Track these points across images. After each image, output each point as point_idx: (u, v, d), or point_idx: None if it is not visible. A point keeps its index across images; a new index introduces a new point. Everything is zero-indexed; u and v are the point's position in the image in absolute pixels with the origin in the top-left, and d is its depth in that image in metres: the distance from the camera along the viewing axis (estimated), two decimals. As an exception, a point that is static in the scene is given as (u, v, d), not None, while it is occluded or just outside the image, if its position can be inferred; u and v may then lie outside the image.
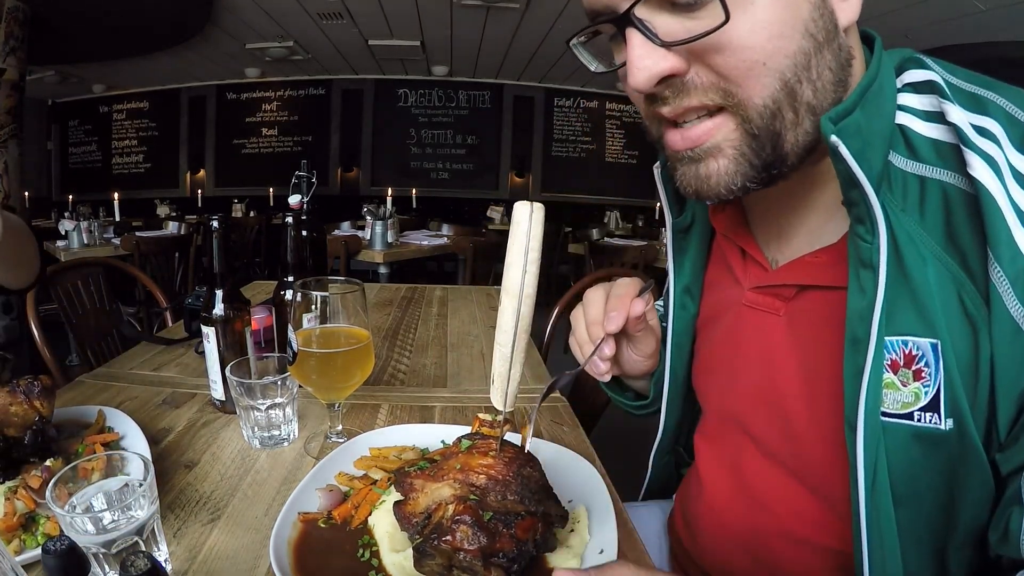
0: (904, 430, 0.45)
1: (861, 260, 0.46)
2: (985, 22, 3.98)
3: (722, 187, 0.48)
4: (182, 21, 5.03)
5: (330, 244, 3.24)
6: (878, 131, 0.46)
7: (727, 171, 0.48)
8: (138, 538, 0.48)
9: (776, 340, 0.58)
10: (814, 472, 0.55)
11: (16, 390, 0.64)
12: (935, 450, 0.45)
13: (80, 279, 1.72)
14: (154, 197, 6.97)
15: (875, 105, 0.46)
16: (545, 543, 0.50)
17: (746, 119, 0.46)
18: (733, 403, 0.64)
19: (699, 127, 0.48)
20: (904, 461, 0.46)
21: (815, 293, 0.55)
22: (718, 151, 0.48)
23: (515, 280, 0.49)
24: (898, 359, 0.45)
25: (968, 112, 0.45)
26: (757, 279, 0.60)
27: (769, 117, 0.45)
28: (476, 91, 7.47)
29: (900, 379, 0.45)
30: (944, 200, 0.45)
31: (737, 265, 0.64)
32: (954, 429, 0.44)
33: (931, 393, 0.44)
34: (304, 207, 1.03)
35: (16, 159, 4.01)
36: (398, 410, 0.90)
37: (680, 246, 0.72)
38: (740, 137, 0.47)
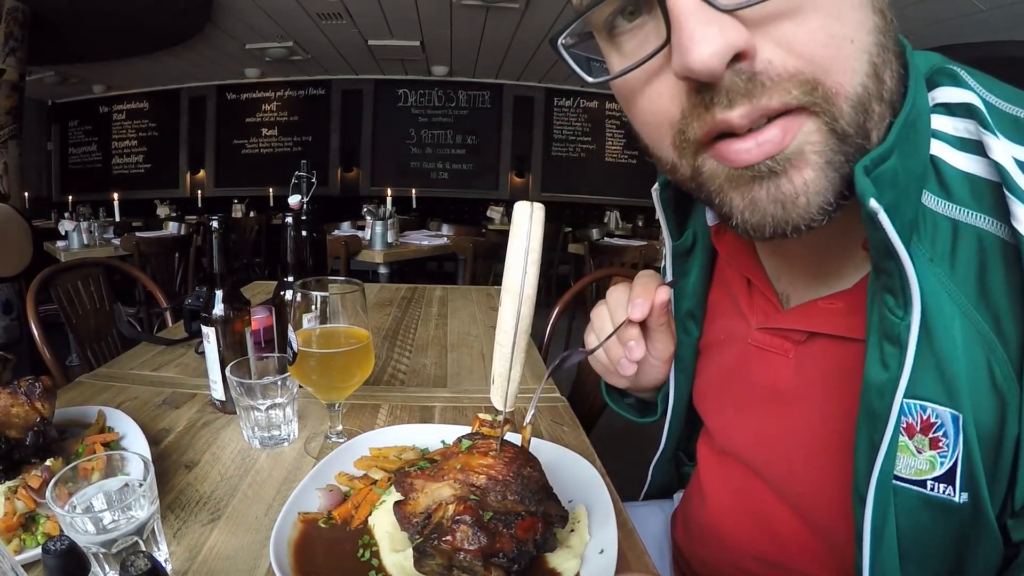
0: (915, 495, 0.42)
1: (886, 334, 0.40)
2: (985, 22, 3.98)
3: (814, 209, 0.37)
4: (182, 21, 5.03)
5: (330, 244, 3.24)
6: (913, 173, 0.39)
7: (817, 188, 0.37)
8: (138, 538, 0.48)
9: (783, 383, 0.54)
10: (819, 519, 0.53)
11: (17, 391, 0.64)
12: (945, 518, 0.42)
13: (80, 279, 1.72)
14: (154, 197, 6.97)
15: (911, 141, 0.38)
16: (545, 543, 0.50)
17: (834, 117, 0.35)
18: (737, 439, 0.61)
19: (775, 127, 0.36)
20: (912, 524, 0.43)
21: (828, 340, 0.50)
22: (802, 159, 0.36)
23: (515, 280, 0.49)
24: (914, 424, 0.41)
25: (1013, 144, 0.37)
26: (765, 318, 0.56)
27: (862, 111, 0.36)
28: (476, 91, 7.47)
29: (915, 445, 0.41)
30: (979, 249, 0.39)
31: (742, 296, 0.60)
32: (968, 502, 0.40)
33: (947, 465, 0.40)
34: (304, 207, 1.03)
35: (16, 159, 4.01)
36: (398, 410, 0.90)
37: (681, 270, 0.67)
38: (824, 140, 0.36)
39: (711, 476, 0.68)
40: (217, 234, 0.79)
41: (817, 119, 0.36)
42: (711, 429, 0.67)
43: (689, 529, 0.73)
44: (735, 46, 0.33)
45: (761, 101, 0.35)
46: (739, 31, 0.33)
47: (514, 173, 7.60)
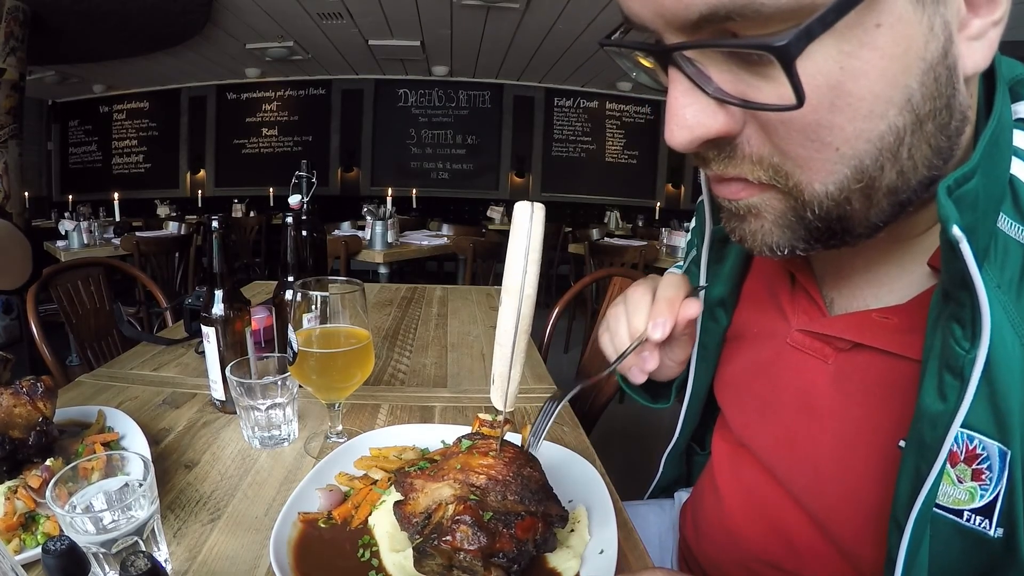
0: (949, 524, 0.41)
1: (948, 364, 0.38)
2: (985, 22, 3.98)
3: (766, 249, 0.41)
4: (182, 21, 5.02)
5: (330, 244, 3.24)
6: (993, 195, 0.37)
7: (771, 234, 0.40)
8: (138, 538, 0.48)
9: (819, 389, 0.52)
10: (844, 537, 0.51)
11: (20, 391, 0.64)
12: (977, 550, 0.41)
13: (80, 279, 1.72)
14: (154, 197, 6.97)
15: (993, 160, 0.37)
16: (545, 543, 0.50)
17: (799, 203, 0.37)
18: (759, 438, 0.60)
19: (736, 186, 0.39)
20: (943, 553, 0.42)
21: (874, 353, 0.48)
22: (757, 214, 0.40)
23: (515, 280, 0.49)
24: (959, 452, 0.39)
25: None
26: (808, 321, 0.54)
27: (830, 207, 0.37)
28: (476, 91, 7.47)
29: (957, 474, 0.40)
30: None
31: (784, 294, 0.57)
32: (1002, 538, 0.39)
33: (987, 498, 0.39)
34: (304, 207, 1.03)
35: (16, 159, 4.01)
36: (398, 410, 0.90)
37: (717, 255, 0.65)
38: (786, 210, 0.38)
39: (725, 471, 0.66)
40: (217, 234, 0.79)
41: (782, 196, 0.38)
42: (731, 423, 0.65)
43: (698, 524, 0.72)
44: (712, 134, 0.35)
45: (728, 170, 0.38)
46: (720, 119, 0.35)
47: (514, 173, 7.60)
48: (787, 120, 0.33)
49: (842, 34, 0.30)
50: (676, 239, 3.87)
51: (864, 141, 0.34)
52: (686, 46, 0.34)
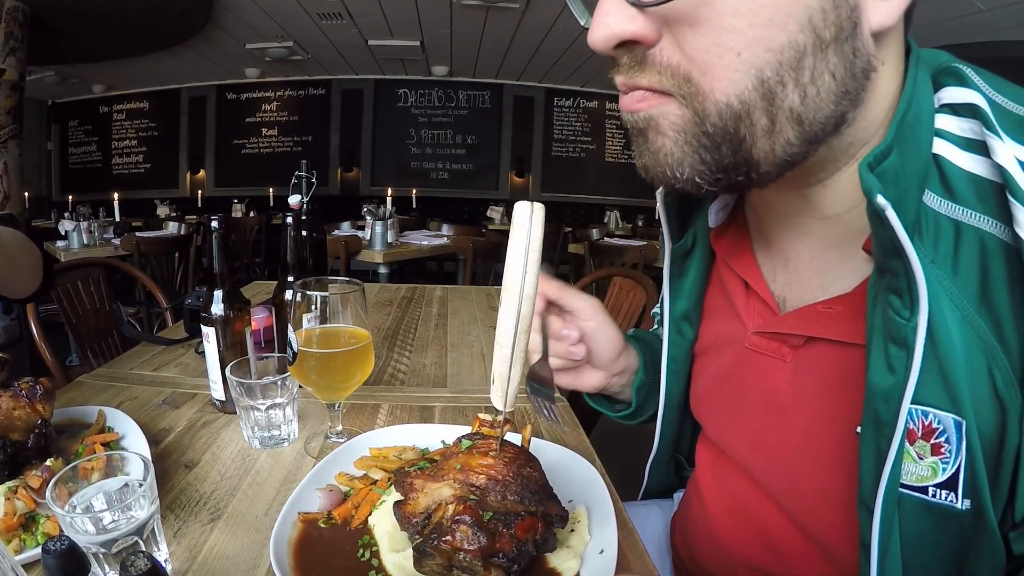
0: (916, 502, 0.42)
1: (892, 336, 0.39)
2: (985, 22, 3.98)
3: (666, 170, 0.42)
4: (182, 21, 5.03)
5: (330, 244, 3.24)
6: (914, 172, 0.39)
7: (671, 155, 0.41)
8: (138, 538, 0.48)
9: (781, 388, 0.53)
10: (820, 530, 0.52)
11: (19, 394, 0.64)
12: (947, 525, 0.41)
13: (80, 279, 1.72)
14: (154, 197, 6.98)
15: (911, 139, 0.39)
16: (545, 543, 0.50)
17: (700, 113, 0.39)
18: (735, 444, 0.61)
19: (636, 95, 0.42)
20: (914, 532, 0.42)
21: (826, 345, 0.49)
22: (657, 127, 0.41)
23: (515, 280, 0.49)
24: (916, 429, 0.40)
25: (1018, 145, 0.37)
26: (762, 322, 0.56)
27: (731, 118, 0.38)
28: (476, 91, 7.47)
29: (917, 451, 0.41)
30: (982, 252, 0.38)
31: (739, 298, 0.59)
32: (970, 510, 0.40)
33: (949, 471, 0.40)
34: (304, 207, 1.03)
35: (16, 159, 4.01)
36: (398, 410, 0.90)
37: (679, 271, 0.68)
38: (685, 125, 0.40)
39: (708, 480, 0.68)
40: (217, 234, 0.79)
41: (682, 106, 0.39)
42: (708, 433, 0.67)
43: (686, 533, 0.73)
44: (623, 36, 0.39)
45: (634, 78, 0.41)
46: (635, 24, 0.38)
47: (514, 173, 7.60)
48: (697, 22, 0.36)
49: None
50: (676, 239, 3.86)
51: (764, 49, 0.36)
52: None
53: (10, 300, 0.86)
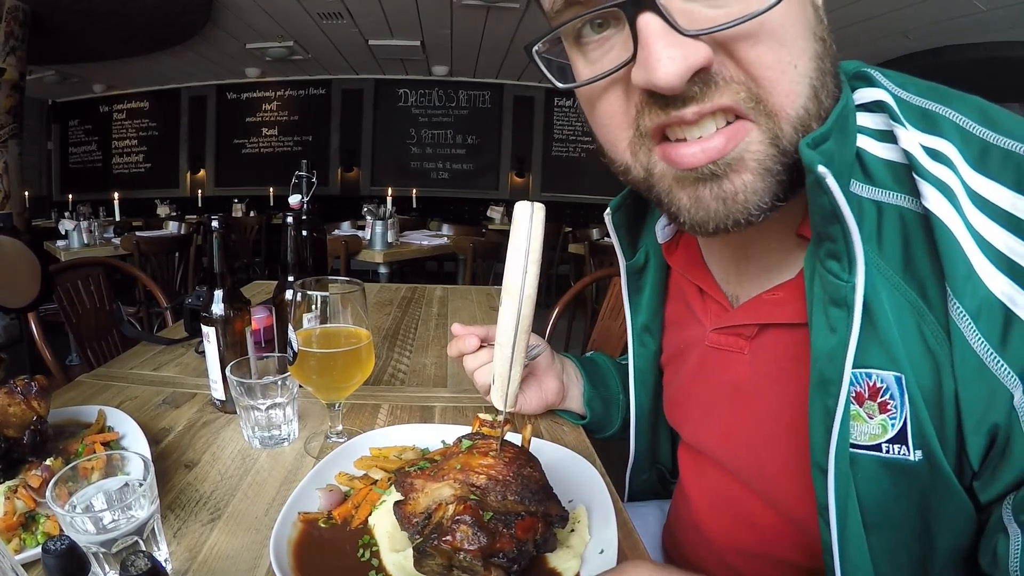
0: (872, 460, 0.44)
1: (832, 298, 0.42)
2: (985, 22, 3.98)
3: (752, 206, 0.42)
4: (182, 21, 5.03)
5: (330, 244, 3.24)
6: (845, 160, 0.43)
7: (754, 188, 0.41)
8: (138, 538, 0.48)
9: (742, 379, 0.57)
10: (787, 505, 0.55)
11: (14, 391, 0.64)
12: (905, 479, 0.43)
13: (80, 279, 1.72)
14: (154, 197, 6.97)
15: (844, 132, 0.43)
16: (545, 543, 0.50)
17: (776, 131, 0.40)
18: (705, 438, 0.64)
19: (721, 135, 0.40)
20: (875, 491, 0.44)
21: (777, 330, 0.53)
22: (741, 165, 0.41)
23: (515, 280, 0.49)
24: (863, 392, 0.43)
25: (919, 132, 0.42)
26: (717, 319, 0.59)
27: (802, 130, 0.40)
28: (476, 91, 7.47)
29: (866, 412, 0.44)
30: (902, 226, 0.42)
31: (696, 303, 0.63)
32: (923, 460, 0.42)
33: (898, 425, 0.43)
34: (304, 207, 1.03)
35: (16, 159, 4.02)
36: (398, 410, 0.90)
37: (635, 286, 0.72)
38: (765, 151, 0.40)
39: (692, 482, 0.70)
40: (217, 234, 0.79)
41: (760, 131, 0.40)
42: (685, 436, 0.70)
43: (674, 533, 0.75)
44: (695, 66, 0.38)
45: (713, 100, 0.39)
46: (700, 51, 0.38)
47: (514, 173, 7.59)
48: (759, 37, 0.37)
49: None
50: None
51: (808, 59, 0.39)
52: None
53: (8, 309, 0.86)
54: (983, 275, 0.38)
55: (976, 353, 0.38)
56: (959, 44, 4.43)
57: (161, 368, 1.06)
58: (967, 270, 0.38)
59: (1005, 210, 0.39)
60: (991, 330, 0.38)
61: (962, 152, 0.41)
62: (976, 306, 0.38)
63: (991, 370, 0.38)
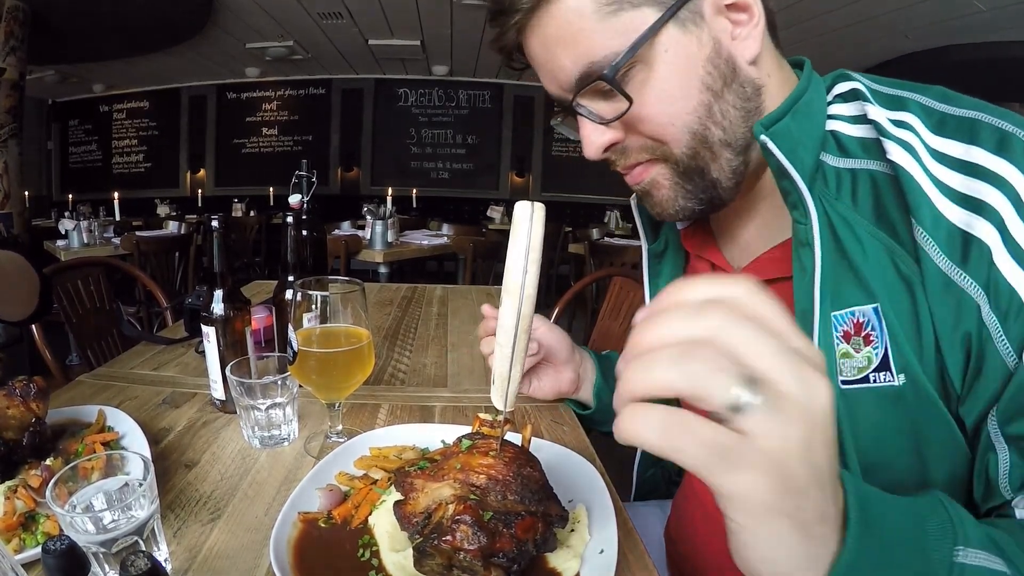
0: (862, 394, 0.49)
1: (799, 240, 0.52)
2: (985, 22, 3.98)
3: (669, 209, 0.58)
4: (182, 21, 5.03)
5: (330, 244, 3.24)
6: (808, 135, 0.53)
7: (668, 197, 0.58)
8: (138, 538, 0.48)
9: None
10: None
11: (13, 393, 0.64)
12: (894, 408, 0.48)
13: (80, 279, 1.72)
14: (154, 197, 6.97)
15: (804, 114, 0.53)
16: (545, 543, 0.50)
17: (674, 162, 0.55)
18: None
19: (635, 171, 0.59)
20: (868, 426, 0.49)
21: (776, 286, 0.58)
22: (657, 184, 0.58)
23: (515, 280, 0.49)
24: (849, 329, 0.49)
25: (887, 110, 0.50)
26: None
27: (689, 159, 0.54)
28: (476, 91, 7.47)
29: (853, 347, 0.49)
30: (873, 186, 0.50)
31: None
32: (907, 383, 0.47)
33: (880, 354, 0.48)
34: (304, 207, 1.03)
35: (16, 159, 4.02)
36: (398, 410, 0.90)
37: (655, 270, 0.79)
38: (670, 173, 0.57)
39: None
40: (217, 233, 0.79)
41: (665, 164, 0.57)
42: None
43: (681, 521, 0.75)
44: (606, 143, 0.57)
45: (626, 161, 0.59)
46: (608, 134, 0.56)
47: (514, 173, 7.59)
48: (640, 118, 0.53)
49: (646, 60, 0.50)
50: (676, 239, 3.87)
51: (685, 114, 0.52)
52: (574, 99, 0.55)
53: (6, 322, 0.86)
54: (942, 209, 0.45)
55: (942, 270, 0.44)
56: (959, 44, 4.43)
57: (161, 368, 1.06)
58: (929, 206, 0.45)
59: (958, 158, 0.46)
60: (953, 251, 0.44)
61: (923, 121, 0.49)
62: (938, 233, 0.45)
63: (957, 283, 0.44)
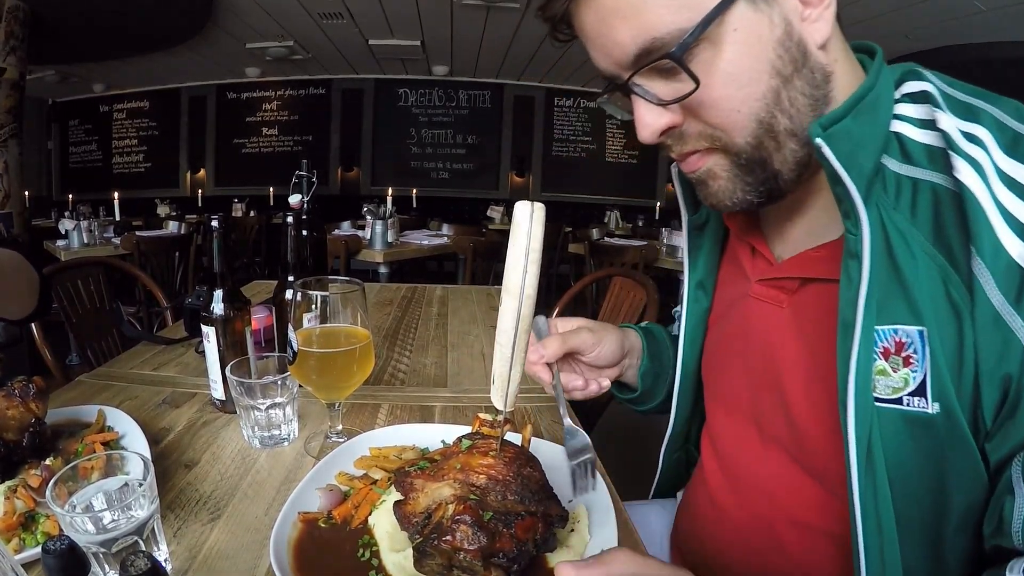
0: (894, 414, 0.47)
1: (849, 251, 0.49)
2: (985, 22, 3.98)
3: (725, 201, 0.55)
4: (182, 21, 5.02)
5: (330, 244, 3.24)
6: (870, 136, 0.49)
7: (725, 189, 0.54)
8: (138, 538, 0.48)
9: (779, 330, 0.61)
10: (813, 455, 0.57)
11: (12, 394, 0.64)
12: (924, 433, 0.47)
13: (80, 279, 1.72)
14: (154, 197, 6.96)
15: (869, 114, 0.49)
16: (545, 543, 0.50)
17: (734, 154, 0.52)
18: (739, 390, 0.67)
19: (692, 158, 0.55)
20: (895, 445, 0.48)
21: (816, 286, 0.57)
22: (713, 175, 0.55)
23: (515, 280, 0.49)
24: (889, 347, 0.48)
25: (959, 119, 0.47)
26: (763, 272, 0.64)
27: (752, 149, 0.51)
28: (476, 91, 7.46)
29: (891, 366, 0.48)
30: (934, 200, 0.47)
31: (746, 260, 0.68)
32: (941, 413, 0.46)
33: (919, 378, 0.46)
34: (304, 207, 1.03)
35: (16, 159, 4.01)
36: (398, 410, 0.90)
37: (695, 243, 0.76)
38: (730, 164, 0.53)
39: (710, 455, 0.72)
40: (217, 233, 0.79)
41: (723, 155, 0.53)
42: (714, 390, 0.74)
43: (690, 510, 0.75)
44: (663, 127, 0.52)
45: (682, 148, 0.55)
46: (666, 117, 0.52)
47: (514, 173, 7.59)
48: (704, 103, 0.49)
49: (714, 40, 0.47)
50: (676, 239, 3.87)
51: (753, 100, 0.49)
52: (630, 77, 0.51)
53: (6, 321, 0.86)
54: (1004, 241, 0.43)
55: (993, 305, 0.43)
56: (959, 44, 4.43)
57: (161, 368, 1.06)
58: (991, 235, 0.43)
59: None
60: (1009, 287, 0.42)
61: (996, 138, 0.46)
62: (997, 265, 0.43)
63: (1006, 321, 0.42)
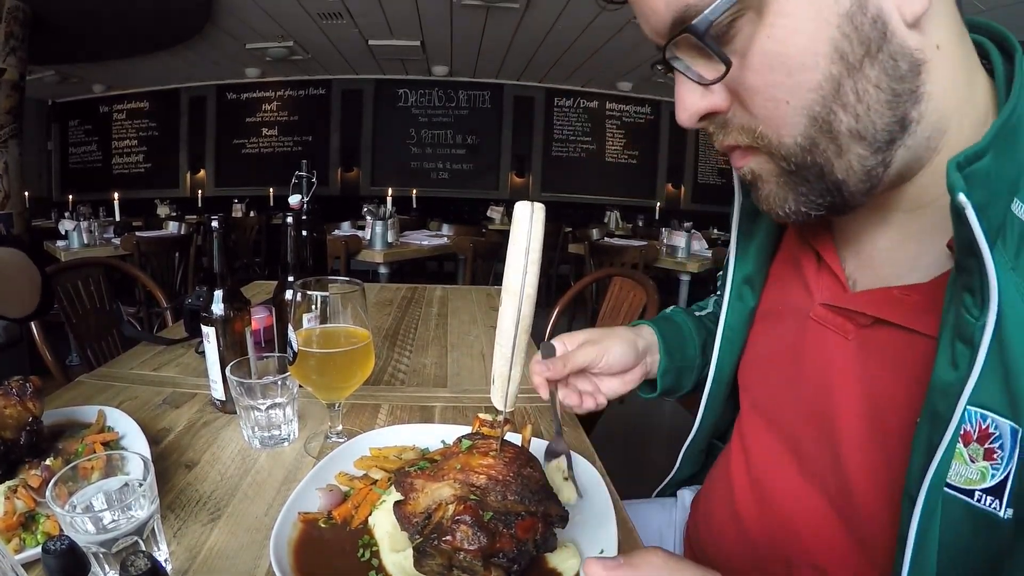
0: (960, 504, 0.41)
1: (960, 334, 0.39)
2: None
3: (778, 210, 0.47)
4: (182, 21, 5.02)
5: (330, 244, 3.24)
6: (1007, 176, 0.39)
7: (776, 196, 0.46)
8: (138, 538, 0.48)
9: (840, 364, 0.53)
10: (856, 512, 0.52)
11: (10, 393, 0.64)
12: (988, 532, 0.41)
13: (80, 279, 1.72)
14: (154, 197, 6.96)
15: (1009, 143, 0.39)
16: (545, 543, 0.50)
17: (781, 158, 0.44)
18: (783, 413, 0.61)
19: (735, 153, 0.48)
20: (954, 534, 0.42)
21: (894, 331, 0.49)
22: (760, 179, 0.47)
23: (515, 280, 0.49)
24: (972, 432, 0.40)
25: None
26: (831, 296, 0.55)
27: (803, 152, 0.42)
28: (476, 91, 7.47)
29: (970, 453, 0.40)
30: None
31: (810, 270, 0.59)
32: (1012, 520, 0.39)
33: (998, 478, 0.39)
34: (304, 207, 1.03)
35: (16, 159, 4.01)
36: (398, 410, 0.90)
37: (747, 229, 0.67)
38: (776, 170, 0.45)
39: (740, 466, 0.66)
40: (217, 234, 0.79)
41: (767, 158, 0.45)
42: (755, 399, 0.66)
43: (709, 518, 0.72)
44: (702, 110, 0.45)
45: (723, 140, 0.47)
46: (708, 99, 0.44)
47: (514, 173, 7.59)
48: (749, 87, 0.42)
49: (757, 8, 0.38)
50: (676, 239, 3.87)
51: (806, 90, 0.40)
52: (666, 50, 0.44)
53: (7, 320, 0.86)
54: None
55: None
56: (959, 44, 4.42)
57: (161, 368, 1.06)
58: None
59: None
60: None
61: None
62: None
63: None
